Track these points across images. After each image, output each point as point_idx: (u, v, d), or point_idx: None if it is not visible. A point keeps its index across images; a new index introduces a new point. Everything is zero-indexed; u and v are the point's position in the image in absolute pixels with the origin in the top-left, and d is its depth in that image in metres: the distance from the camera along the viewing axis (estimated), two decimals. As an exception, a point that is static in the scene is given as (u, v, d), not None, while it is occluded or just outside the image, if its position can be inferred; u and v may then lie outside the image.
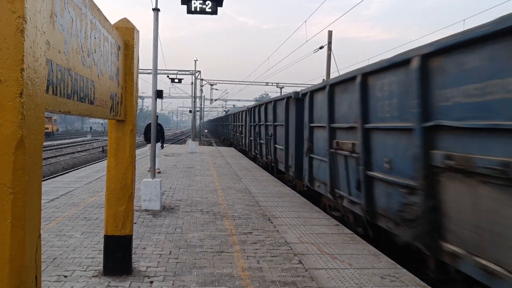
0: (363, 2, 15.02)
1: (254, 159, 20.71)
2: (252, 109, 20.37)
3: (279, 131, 13.97)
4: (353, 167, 7.19)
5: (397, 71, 5.80)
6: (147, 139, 14.19)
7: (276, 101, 14.56)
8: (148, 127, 13.97)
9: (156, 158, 11.01)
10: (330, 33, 20.44)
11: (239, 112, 29.19)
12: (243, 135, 25.98)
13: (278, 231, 7.02)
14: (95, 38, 3.40)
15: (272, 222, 7.61)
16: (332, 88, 8.40)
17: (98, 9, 3.48)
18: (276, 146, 14.28)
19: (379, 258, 5.74)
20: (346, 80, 7.64)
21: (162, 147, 15.33)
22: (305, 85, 21.31)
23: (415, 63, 5.18)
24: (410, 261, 6.14)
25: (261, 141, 17.92)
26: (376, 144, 6.49)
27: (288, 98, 12.41)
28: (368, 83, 6.72)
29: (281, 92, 50.27)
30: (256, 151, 19.51)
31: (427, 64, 5.02)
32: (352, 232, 7.08)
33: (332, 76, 19.29)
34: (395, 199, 5.84)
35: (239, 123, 28.10)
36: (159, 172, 13.86)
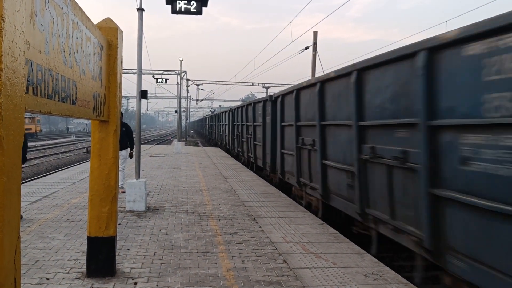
0: (344, 3, 15.15)
1: (236, 157, 22.28)
2: (235, 110, 22.35)
3: (258, 130, 15.46)
4: (315, 159, 8.61)
5: (342, 81, 7.21)
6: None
7: (255, 103, 16.31)
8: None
9: (120, 172, 9.44)
10: (315, 34, 20.54)
11: (223, 112, 30.60)
12: (226, 135, 27.67)
13: (263, 231, 7.03)
14: (77, 38, 3.37)
15: (257, 222, 7.63)
16: (298, 92, 9.85)
17: (80, 9, 3.45)
18: (256, 143, 15.81)
19: (363, 257, 5.79)
20: (309, 86, 9.05)
21: (131, 155, 10.69)
22: (291, 85, 21.89)
23: (353, 76, 6.61)
24: (393, 260, 6.22)
25: (242, 140, 19.60)
26: (330, 139, 7.95)
27: (265, 100, 13.97)
28: (324, 89, 8.16)
29: (267, 93, 50.37)
30: (238, 149, 21.34)
31: (362, 76, 6.48)
32: (336, 232, 7.13)
33: (317, 75, 19.42)
34: (342, 182, 7.31)
35: (223, 123, 29.69)
36: (123, 192, 9.49)
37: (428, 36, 4.71)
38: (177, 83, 38.50)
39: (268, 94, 13.41)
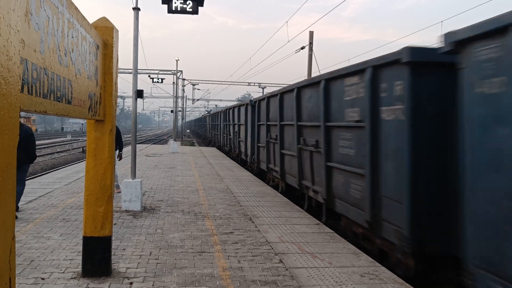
0: (340, 3, 15.19)
1: (228, 152, 25.10)
2: (225, 112, 25.63)
3: (242, 129, 18.63)
4: (277, 149, 11.53)
5: (314, 87, 8.71)
6: None
7: (240, 106, 19.75)
8: None
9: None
10: (311, 33, 20.56)
11: (215, 113, 33.30)
12: (218, 133, 31.36)
13: (259, 230, 7.04)
14: (73, 37, 3.36)
15: (253, 222, 7.63)
16: (269, 99, 12.92)
17: (76, 8, 3.44)
18: (240, 140, 19.56)
19: (358, 256, 5.80)
20: (273, 96, 12.29)
21: (119, 157, 10.00)
22: (287, 84, 21.89)
23: (294, 92, 9.92)
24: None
25: (230, 137, 22.98)
26: (285, 135, 10.94)
27: (247, 104, 17.10)
28: (284, 98, 11.17)
29: (263, 92, 50.36)
30: (227, 145, 24.66)
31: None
32: (332, 231, 7.14)
33: (313, 75, 19.43)
34: (291, 164, 10.37)
35: (216, 123, 33.58)
36: (119, 192, 9.41)
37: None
38: (173, 82, 38.42)
39: (250, 100, 16.89)
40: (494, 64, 3.51)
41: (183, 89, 47.84)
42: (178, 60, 36.21)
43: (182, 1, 8.46)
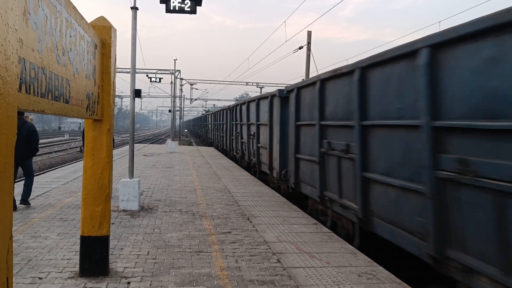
0: (338, 3, 15.20)
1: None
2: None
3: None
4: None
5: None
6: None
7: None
8: None
9: None
10: (309, 33, 20.56)
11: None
12: (223, 135, 33.68)
13: (257, 230, 7.04)
14: (71, 36, 3.36)
15: (251, 222, 7.63)
16: (249, 102, 15.61)
17: (74, 7, 3.43)
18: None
19: (356, 256, 5.81)
20: (252, 101, 15.30)
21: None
22: (285, 85, 22.20)
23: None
24: (386, 260, 6.24)
25: (217, 134, 28.00)
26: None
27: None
28: (260, 103, 13.91)
29: (261, 92, 50.36)
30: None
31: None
32: (330, 231, 7.15)
33: (311, 75, 19.51)
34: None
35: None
36: None
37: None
38: (171, 82, 38.41)
39: (228, 106, 20.21)
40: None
41: (181, 89, 47.82)
42: (176, 59, 36.20)
43: (180, 0, 8.46)
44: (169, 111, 39.99)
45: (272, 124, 12.58)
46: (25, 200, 8.46)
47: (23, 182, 8.80)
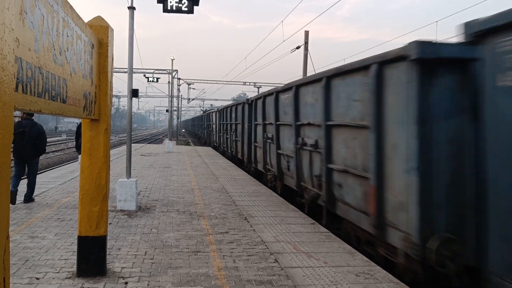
0: (335, 3, 15.21)
1: (215, 148, 30.05)
2: (223, 110, 28.71)
3: (215, 127, 26.05)
4: (233, 138, 16.03)
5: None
6: (79, 147, 8.72)
7: (211, 112, 25.53)
8: (79, 131, 9.22)
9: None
10: (306, 33, 20.57)
11: (211, 112, 37.12)
12: (204, 130, 40.15)
13: (254, 230, 7.04)
14: (68, 36, 3.35)
15: (248, 221, 7.63)
16: (237, 106, 17.53)
17: (71, 7, 3.42)
18: (212, 134, 25.69)
19: (354, 256, 5.81)
20: (237, 105, 17.72)
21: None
22: (282, 84, 22.29)
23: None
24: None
25: (208, 132, 35.10)
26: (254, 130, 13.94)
27: (214, 111, 23.05)
28: (244, 107, 16.27)
29: (258, 91, 50.34)
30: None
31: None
32: (327, 231, 7.15)
33: (308, 74, 19.51)
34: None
35: (201, 123, 44.21)
36: None
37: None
38: (169, 82, 38.36)
39: (218, 108, 22.37)
40: None
41: (179, 89, 47.77)
42: (174, 59, 36.14)
43: (178, 0, 8.45)
44: (167, 111, 39.96)
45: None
46: (28, 199, 8.77)
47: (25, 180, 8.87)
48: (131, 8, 8.97)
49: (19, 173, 9.00)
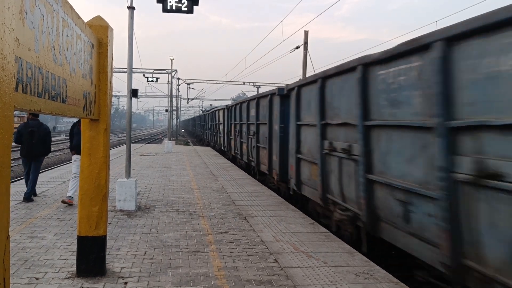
0: (334, 3, 15.21)
1: (208, 144, 33.29)
2: (211, 112, 31.98)
3: (222, 127, 24.14)
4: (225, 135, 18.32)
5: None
6: (73, 148, 8.91)
7: (217, 109, 26.10)
8: (73, 131, 9.04)
9: (75, 180, 8.38)
10: (306, 33, 20.56)
11: (216, 110, 33.60)
12: (207, 131, 38.90)
13: (254, 230, 7.04)
14: (68, 36, 3.35)
15: (248, 221, 7.63)
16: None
17: (71, 7, 3.42)
18: (207, 132, 26.71)
19: (353, 256, 5.82)
20: (238, 103, 17.26)
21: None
22: (282, 84, 22.41)
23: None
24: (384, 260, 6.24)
25: (204, 131, 36.28)
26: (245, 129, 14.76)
27: (222, 109, 22.83)
28: (237, 108, 16.76)
29: (257, 91, 50.33)
30: (205, 137, 32.58)
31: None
32: (327, 231, 7.15)
33: (308, 75, 19.53)
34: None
35: (204, 123, 42.53)
36: (71, 204, 8.55)
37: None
38: (168, 82, 38.35)
39: (208, 109, 22.94)
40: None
41: (178, 89, 47.76)
42: (173, 59, 36.13)
43: (177, 0, 8.44)
44: (166, 110, 39.94)
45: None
46: (28, 197, 8.91)
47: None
48: (131, 8, 8.96)
49: (28, 171, 9.22)
